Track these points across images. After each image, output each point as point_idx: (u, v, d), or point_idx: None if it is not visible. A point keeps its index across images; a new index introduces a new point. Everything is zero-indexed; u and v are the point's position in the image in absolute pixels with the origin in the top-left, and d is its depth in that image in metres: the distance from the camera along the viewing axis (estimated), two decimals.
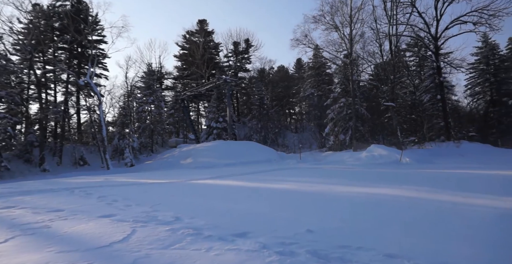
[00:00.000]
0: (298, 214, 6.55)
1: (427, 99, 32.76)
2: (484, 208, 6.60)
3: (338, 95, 32.53)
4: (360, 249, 4.17)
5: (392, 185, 10.35)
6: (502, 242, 4.56)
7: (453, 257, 3.88)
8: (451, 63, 31.60)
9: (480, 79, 38.13)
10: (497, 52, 37.14)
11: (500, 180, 11.14)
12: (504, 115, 34.90)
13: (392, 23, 29.05)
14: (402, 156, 20.81)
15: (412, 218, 5.98)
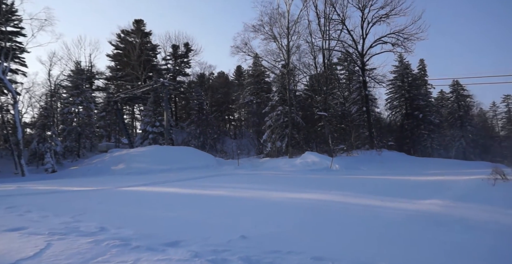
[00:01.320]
0: (233, 220, 6.71)
1: (354, 110, 35.87)
2: (397, 210, 7.59)
3: (276, 103, 33.84)
4: (290, 253, 4.40)
5: (322, 190, 11.20)
6: (411, 241, 5.31)
7: (372, 256, 4.37)
8: (375, 79, 35.27)
9: (397, 95, 42.98)
10: (410, 71, 42.35)
11: (411, 184, 12.79)
12: (415, 127, 39.77)
13: (325, 38, 31.44)
14: (332, 162, 22.41)
15: (338, 222, 6.58)
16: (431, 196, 9.47)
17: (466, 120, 47.25)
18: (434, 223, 6.38)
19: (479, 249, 4.94)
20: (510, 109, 59.91)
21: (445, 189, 10.81)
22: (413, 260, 4.34)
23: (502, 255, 4.69)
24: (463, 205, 8.26)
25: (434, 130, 40.42)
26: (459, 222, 6.51)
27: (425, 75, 44.65)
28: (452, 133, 45.53)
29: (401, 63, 41.96)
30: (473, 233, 5.76)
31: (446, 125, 46.56)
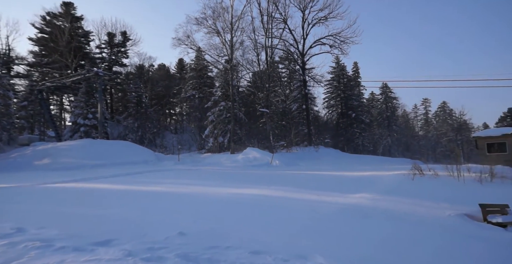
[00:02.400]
0: (171, 217, 6.58)
1: (295, 108, 37.20)
2: (331, 204, 8.12)
3: (219, 98, 33.65)
4: (229, 249, 4.47)
5: (263, 185, 11.47)
6: (342, 232, 5.73)
7: (308, 248, 4.61)
8: (314, 78, 36.97)
9: (334, 94, 45.62)
10: (345, 73, 45.22)
11: (344, 180, 13.69)
12: (349, 126, 42.65)
13: (268, 36, 32.03)
14: (273, 158, 23.00)
15: (278, 216, 6.82)
16: (360, 190, 10.25)
17: (392, 120, 52.00)
18: (362, 215, 6.93)
19: (400, 237, 5.49)
20: (427, 112, 67.37)
21: (373, 184, 11.77)
22: (343, 249, 4.68)
23: (419, 242, 5.27)
24: (387, 198, 9.08)
25: (365, 129, 43.79)
26: (383, 213, 7.17)
27: (359, 77, 47.98)
28: (380, 132, 49.75)
29: (338, 64, 44.55)
30: (395, 223, 6.39)
31: (376, 124, 50.71)
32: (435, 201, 8.58)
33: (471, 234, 5.85)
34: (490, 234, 5.93)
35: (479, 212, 7.28)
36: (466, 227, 6.35)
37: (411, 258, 4.45)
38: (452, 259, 4.50)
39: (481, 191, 9.91)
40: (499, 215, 7.15)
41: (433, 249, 4.93)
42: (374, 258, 4.36)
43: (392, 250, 4.79)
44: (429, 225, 6.31)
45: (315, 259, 4.16)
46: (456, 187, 10.72)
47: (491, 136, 22.15)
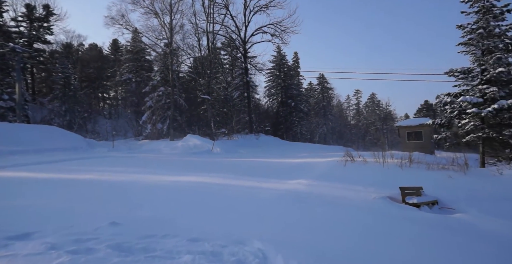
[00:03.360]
0: (103, 206, 6.27)
1: (236, 95, 37.26)
2: (271, 190, 8.40)
3: (158, 83, 32.24)
4: (165, 237, 4.40)
5: (203, 173, 11.43)
6: (280, 217, 5.97)
7: (246, 233, 4.74)
8: (256, 66, 37.27)
9: (275, 83, 46.62)
10: (286, 62, 46.35)
11: (283, 166, 14.22)
12: (288, 114, 44.10)
13: (210, 20, 31.27)
14: (214, 145, 22.93)
15: (217, 203, 6.88)
16: (298, 177, 10.76)
17: (328, 110, 55.07)
18: (299, 200, 7.30)
19: (332, 219, 5.92)
20: (359, 102, 72.61)
21: (309, 170, 12.41)
22: (280, 233, 4.91)
23: (349, 223, 5.74)
24: (322, 183, 9.67)
25: (304, 117, 45.72)
26: (318, 198, 7.63)
27: (298, 67, 49.55)
28: (317, 121, 52.41)
29: (279, 54, 45.43)
30: (328, 207, 6.85)
31: (313, 113, 53.21)
32: (363, 185, 9.36)
33: (392, 215, 6.54)
34: (407, 214, 6.70)
35: (399, 194, 8.16)
36: (388, 208, 7.06)
37: (341, 238, 4.84)
38: (377, 237, 5.00)
39: (401, 175, 11.04)
40: (415, 197, 8.10)
41: (360, 229, 5.42)
42: (308, 240, 4.64)
43: (324, 232, 5.15)
44: (358, 208, 6.90)
45: (253, 244, 4.29)
46: (381, 172, 11.81)
47: (410, 125, 24.74)
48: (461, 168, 12.07)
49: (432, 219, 6.47)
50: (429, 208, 7.75)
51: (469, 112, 15.43)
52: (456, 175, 11.21)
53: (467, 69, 16.44)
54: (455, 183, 10.22)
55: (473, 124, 15.73)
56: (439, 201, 8.32)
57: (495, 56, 15.06)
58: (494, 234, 5.73)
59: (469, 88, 16.35)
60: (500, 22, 15.70)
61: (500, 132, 15.00)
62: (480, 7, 15.92)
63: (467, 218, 6.69)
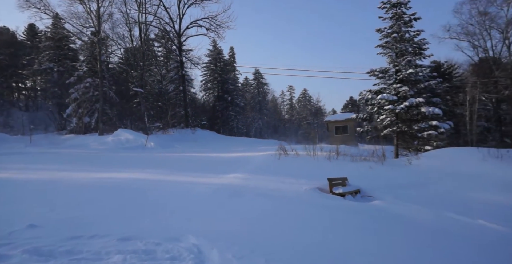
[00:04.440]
0: (19, 207, 5.81)
1: (171, 89, 36.12)
2: (207, 185, 8.48)
3: (84, 74, 29.71)
4: (93, 238, 4.22)
5: (136, 168, 11.07)
6: (215, 211, 6.13)
7: (182, 229, 4.76)
8: (191, 60, 36.52)
9: (211, 77, 46.20)
10: (222, 57, 46.19)
11: (220, 161, 14.35)
12: (225, 108, 44.19)
13: (142, 11, 29.72)
14: (147, 140, 22.10)
15: (151, 199, 6.77)
16: (234, 171, 11.02)
17: (264, 105, 56.47)
18: (234, 194, 7.54)
19: (266, 211, 6.26)
20: (292, 98, 75.75)
21: (245, 164, 12.75)
22: (216, 228, 5.04)
23: (282, 214, 6.12)
24: (257, 176, 10.06)
25: (240, 112, 46.23)
26: (253, 191, 7.96)
27: (234, 62, 49.71)
28: (253, 115, 53.41)
29: (215, 48, 45.06)
30: (263, 199, 7.20)
31: (249, 108, 54.06)
32: (295, 177, 9.97)
33: (321, 204, 7.15)
34: (333, 203, 7.37)
35: (327, 185, 8.90)
36: (317, 198, 7.68)
37: (275, 229, 5.17)
38: (307, 226, 5.44)
39: (329, 167, 12.00)
40: (341, 187, 8.91)
41: (292, 219, 5.83)
42: (243, 232, 4.87)
43: (259, 223, 5.45)
44: (290, 199, 7.38)
45: (188, 240, 4.35)
46: (312, 164, 12.67)
47: (338, 120, 26.71)
48: (379, 159, 13.52)
49: (355, 206, 7.23)
50: (352, 197, 8.61)
51: (386, 109, 17.25)
52: (376, 165, 12.55)
53: (384, 69, 18.30)
54: (375, 173, 11.45)
55: (390, 119, 17.63)
56: (361, 190, 9.28)
57: (406, 58, 17.02)
58: (405, 217, 6.63)
59: (386, 87, 18.24)
60: (409, 28, 17.73)
61: (410, 126, 17.08)
62: (393, 13, 17.79)
63: (384, 204, 7.60)
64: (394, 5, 17.72)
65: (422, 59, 17.89)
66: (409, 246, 4.86)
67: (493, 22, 26.41)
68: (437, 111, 16.01)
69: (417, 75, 17.16)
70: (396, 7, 17.72)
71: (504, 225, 6.17)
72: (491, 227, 6.06)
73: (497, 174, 10.29)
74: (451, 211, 7.02)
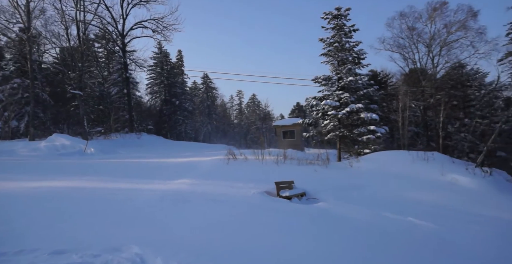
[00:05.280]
0: None
1: (115, 92, 34.26)
2: (152, 192, 8.20)
3: (12, 74, 26.93)
4: (20, 253, 3.88)
5: (73, 176, 10.30)
6: (162, 219, 5.94)
7: (123, 239, 4.54)
8: (136, 62, 35.00)
9: (157, 80, 44.76)
10: (169, 60, 45.01)
11: (167, 166, 13.90)
12: (172, 113, 43.05)
13: (80, 8, 27.80)
14: (87, 146, 20.69)
15: (89, 209, 6.33)
16: (182, 176, 10.76)
17: (212, 109, 56.08)
18: (182, 200, 7.36)
19: (214, 217, 6.19)
20: (241, 102, 76.30)
21: (193, 169, 12.52)
22: (161, 236, 4.87)
23: (230, 219, 6.10)
24: (205, 181, 9.93)
25: (188, 116, 45.35)
26: (201, 197, 7.83)
27: (182, 65, 48.74)
28: (202, 120, 52.76)
29: (161, 50, 43.79)
30: (210, 204, 7.12)
31: (198, 112, 53.31)
32: (244, 181, 10.03)
33: (268, 207, 7.26)
34: (280, 206, 7.54)
35: (275, 188, 9.09)
36: (264, 202, 7.80)
37: (221, 234, 5.14)
38: (254, 230, 5.49)
39: (277, 171, 12.26)
40: (287, 190, 9.16)
41: (239, 223, 5.84)
42: (189, 239, 4.76)
43: (206, 229, 5.37)
44: (238, 203, 7.39)
45: (131, 249, 4.16)
46: (260, 168, 12.84)
47: (285, 124, 27.47)
48: (324, 162, 14.16)
49: (300, 209, 7.47)
50: (298, 199, 8.89)
51: (329, 114, 18.16)
52: (320, 168, 13.11)
53: (327, 77, 19.30)
54: (319, 175, 11.96)
55: (333, 124, 18.57)
56: (307, 193, 9.63)
57: (346, 67, 18.14)
58: (346, 217, 7.00)
59: (330, 93, 19.22)
60: (349, 39, 18.97)
61: (351, 130, 18.16)
62: (335, 24, 18.91)
63: (327, 205, 7.96)
64: (335, 17, 18.83)
65: (361, 68, 19.20)
66: (348, 244, 5.15)
67: (420, 36, 29.36)
68: (375, 117, 17.25)
69: (357, 83, 18.36)
70: (337, 18, 18.84)
71: (430, 221, 6.82)
72: (419, 224, 6.66)
73: (424, 174, 11.37)
74: (386, 210, 7.58)
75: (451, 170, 11.48)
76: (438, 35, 28.60)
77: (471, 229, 6.73)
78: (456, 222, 7.16)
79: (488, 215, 8.04)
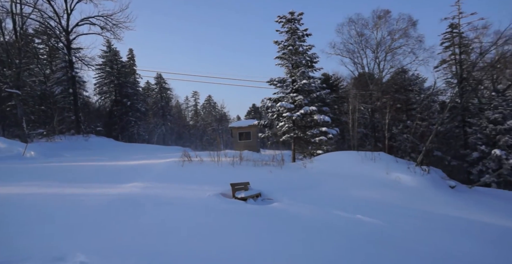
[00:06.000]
0: None
1: (59, 91, 31.92)
2: (101, 196, 7.77)
3: None
4: None
5: (9, 182, 9.44)
6: (111, 224, 5.67)
7: (68, 248, 4.28)
8: (83, 60, 32.93)
9: (107, 80, 42.51)
10: (119, 58, 42.93)
11: (118, 169, 13.22)
12: (124, 114, 41.18)
13: (15, 0, 25.61)
14: (26, 149, 19.08)
15: (28, 217, 5.86)
16: (134, 179, 10.32)
17: (167, 110, 54.56)
18: (133, 204, 7.06)
19: (168, 220, 6.01)
20: (197, 103, 75.17)
21: (146, 172, 12.07)
22: (109, 242, 4.62)
23: (185, 222, 5.96)
24: (159, 185, 9.62)
25: (141, 117, 43.66)
26: (154, 200, 7.57)
27: (134, 64, 46.84)
28: (156, 121, 51.11)
29: (110, 49, 41.70)
30: (164, 208, 6.91)
31: (151, 113, 51.54)
32: (199, 184, 9.89)
33: (223, 209, 7.22)
34: (235, 207, 7.54)
35: (230, 190, 9.07)
36: (219, 203, 7.74)
37: (175, 238, 5.01)
38: (209, 232, 5.42)
39: (233, 172, 12.26)
40: (243, 191, 9.18)
41: (194, 226, 5.73)
42: (140, 245, 4.58)
43: (158, 233, 5.20)
44: (193, 206, 7.26)
45: (76, 258, 3.91)
46: (216, 170, 12.75)
47: (241, 126, 27.58)
48: (279, 163, 14.43)
49: (255, 209, 7.53)
50: (254, 200, 8.95)
51: (284, 116, 18.57)
52: (275, 169, 13.35)
53: (282, 79, 19.74)
54: (274, 176, 12.17)
55: (287, 126, 19.02)
56: (262, 193, 9.74)
57: (300, 70, 18.71)
58: (299, 216, 7.20)
59: (284, 95, 19.66)
60: (302, 43, 19.58)
61: (305, 132, 18.73)
62: (289, 28, 19.42)
63: (282, 205, 8.12)
64: (289, 21, 19.33)
65: (314, 71, 19.90)
66: (301, 242, 5.29)
67: (367, 42, 31.20)
68: (327, 119, 17.96)
69: (310, 86, 19.00)
70: (291, 22, 19.35)
71: (375, 218, 7.27)
72: (366, 220, 7.06)
73: (371, 174, 12.07)
74: (336, 209, 7.92)
75: (395, 169, 12.32)
76: (383, 41, 30.63)
77: (409, 223, 7.29)
78: (397, 217, 7.72)
79: (424, 209, 8.77)
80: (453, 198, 10.32)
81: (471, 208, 9.47)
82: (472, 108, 25.45)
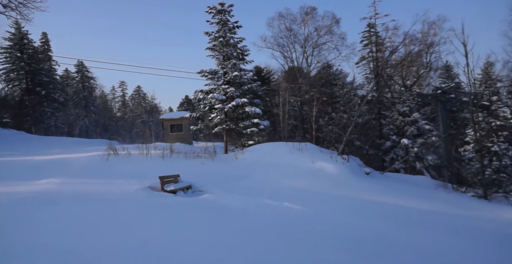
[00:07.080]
0: None
1: None
2: (9, 195, 6.97)
3: None
4: None
5: None
6: (21, 225, 5.26)
7: None
8: None
9: (15, 66, 37.41)
10: (30, 42, 37.98)
11: (30, 165, 11.85)
12: (38, 104, 36.83)
13: None
14: None
15: None
16: (49, 175, 9.43)
17: (90, 101, 50.25)
18: (47, 202, 6.46)
19: (87, 218, 5.63)
20: (124, 94, 70.53)
21: (64, 167, 11.08)
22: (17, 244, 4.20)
23: (108, 219, 5.65)
24: (79, 180, 8.94)
25: (59, 108, 39.51)
26: (73, 197, 7.03)
27: (49, 50, 41.79)
28: (77, 112, 46.79)
29: (19, 31, 36.68)
30: (85, 205, 6.46)
31: (71, 104, 46.98)
32: (126, 178, 9.43)
33: (151, 203, 7.02)
34: (164, 200, 7.38)
35: (159, 183, 8.82)
36: (147, 197, 7.49)
37: (93, 235, 4.73)
38: (135, 227, 5.24)
39: (163, 165, 11.92)
40: (172, 184, 9.01)
41: (120, 222, 5.48)
42: (54, 245, 4.26)
43: (75, 231, 4.86)
44: (116, 201, 6.90)
45: None
46: (144, 163, 12.25)
47: (173, 118, 26.80)
48: (210, 155, 14.41)
49: (185, 202, 7.46)
50: (184, 193, 8.85)
51: (216, 108, 18.53)
52: (207, 161, 13.32)
53: (213, 71, 19.59)
54: (206, 168, 12.15)
55: (220, 118, 19.03)
56: (193, 185, 9.66)
57: (231, 62, 18.78)
58: (230, 207, 7.33)
59: (216, 87, 19.58)
60: (233, 35, 19.60)
61: (237, 124, 18.95)
62: (219, 19, 19.26)
63: (212, 197, 8.16)
64: (219, 12, 19.14)
65: (245, 64, 20.10)
66: (231, 233, 5.41)
67: (296, 37, 32.52)
68: (258, 111, 18.39)
69: (242, 78, 19.20)
70: (221, 13, 19.18)
71: (300, 205, 7.76)
72: (292, 207, 7.50)
73: (298, 163, 12.78)
74: (266, 198, 8.25)
75: (319, 158, 13.21)
76: (310, 37, 32.19)
77: (329, 208, 7.96)
78: (319, 203, 8.36)
79: (343, 194, 9.63)
80: (368, 183, 11.49)
81: (382, 192, 10.65)
82: (386, 102, 28.33)
